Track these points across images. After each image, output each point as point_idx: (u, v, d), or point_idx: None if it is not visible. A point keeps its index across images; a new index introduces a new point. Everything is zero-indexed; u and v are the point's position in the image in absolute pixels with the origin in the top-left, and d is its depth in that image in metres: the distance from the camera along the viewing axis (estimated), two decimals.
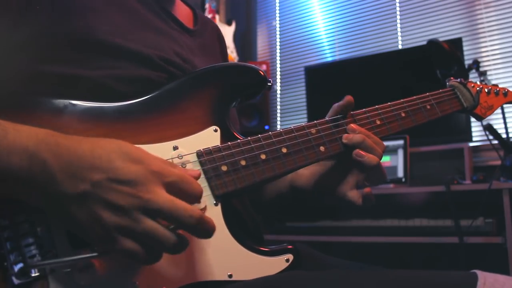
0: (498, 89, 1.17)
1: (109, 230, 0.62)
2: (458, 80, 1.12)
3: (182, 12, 1.07)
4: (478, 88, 1.12)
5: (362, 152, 0.88)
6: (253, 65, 0.90)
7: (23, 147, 0.62)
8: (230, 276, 0.76)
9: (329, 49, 3.40)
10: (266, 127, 3.17)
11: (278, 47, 3.64)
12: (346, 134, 0.90)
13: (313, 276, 0.74)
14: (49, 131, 0.66)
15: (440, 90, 1.07)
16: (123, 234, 0.62)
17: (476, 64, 2.28)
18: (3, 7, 0.74)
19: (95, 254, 0.66)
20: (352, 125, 0.92)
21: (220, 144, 0.81)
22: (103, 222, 0.62)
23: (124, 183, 0.62)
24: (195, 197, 0.67)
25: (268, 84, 0.88)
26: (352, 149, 0.88)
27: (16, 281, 0.64)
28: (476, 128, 2.64)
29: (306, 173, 1.00)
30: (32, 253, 0.66)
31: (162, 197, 0.63)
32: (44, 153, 0.62)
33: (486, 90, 1.14)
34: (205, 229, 0.66)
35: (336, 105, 0.95)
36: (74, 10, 0.80)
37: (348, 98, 0.95)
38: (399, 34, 3.13)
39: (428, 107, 1.02)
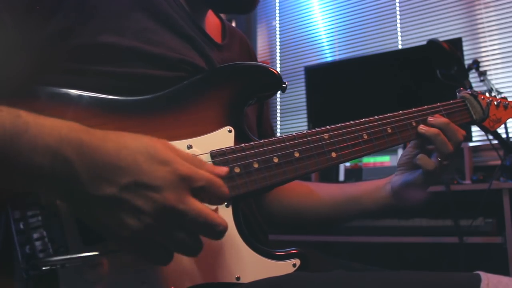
0: (507, 102, 1.18)
1: (133, 234, 0.62)
2: (469, 91, 1.13)
3: (212, 24, 1.08)
4: (488, 101, 1.13)
5: (424, 127, 0.97)
6: (268, 65, 0.90)
7: (45, 144, 0.61)
8: (238, 278, 0.76)
9: (329, 49, 3.40)
10: None
11: (278, 47, 3.64)
12: (422, 125, 0.97)
13: (314, 277, 0.74)
14: (72, 125, 0.65)
15: (451, 101, 1.08)
16: (146, 239, 0.63)
17: (476, 64, 2.28)
18: (35, 4, 0.74)
19: (97, 253, 0.67)
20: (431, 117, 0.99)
21: (234, 145, 0.81)
22: (128, 227, 0.61)
23: (152, 189, 0.61)
24: (221, 200, 0.68)
25: (283, 85, 0.88)
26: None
27: (25, 274, 0.65)
28: (476, 128, 2.64)
29: (398, 177, 1.06)
30: (43, 247, 0.66)
31: (194, 208, 0.63)
32: (67, 152, 0.61)
33: (495, 103, 1.15)
34: (223, 235, 0.67)
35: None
36: (102, 12, 0.80)
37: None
38: (399, 34, 3.13)
39: None
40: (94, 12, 0.80)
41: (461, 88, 1.14)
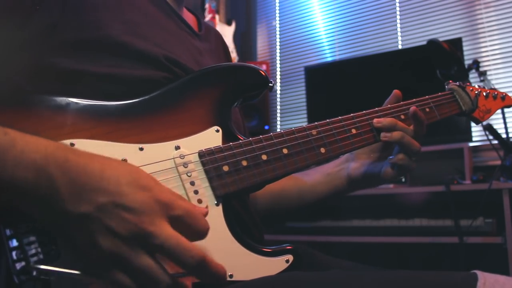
0: (496, 93, 1.18)
1: (104, 258, 0.60)
2: (457, 83, 1.13)
3: (189, 18, 1.09)
4: (476, 92, 1.13)
5: (387, 134, 0.95)
6: (254, 66, 0.90)
7: (30, 160, 0.60)
8: (231, 276, 0.76)
9: (329, 49, 3.40)
10: (266, 127, 3.17)
11: (278, 47, 3.64)
12: (376, 118, 0.96)
13: (313, 276, 0.74)
14: (59, 144, 0.64)
15: (439, 93, 1.08)
16: (117, 265, 0.60)
17: (476, 64, 2.28)
18: (16, 2, 0.74)
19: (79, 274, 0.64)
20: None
21: (222, 145, 0.81)
22: (100, 248, 0.59)
23: (129, 210, 0.60)
24: (200, 234, 0.65)
25: (270, 84, 0.88)
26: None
27: (17, 279, 0.64)
28: (476, 128, 2.64)
29: (357, 165, 1.06)
30: (34, 252, 0.65)
31: (165, 231, 0.61)
32: (51, 168, 0.60)
33: (484, 93, 1.15)
34: (210, 273, 0.64)
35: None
36: (86, 6, 0.80)
37: (395, 92, 1.03)
38: (399, 34, 3.13)
39: (427, 110, 1.03)
40: (78, 6, 0.80)
41: (450, 81, 1.14)
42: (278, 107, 3.56)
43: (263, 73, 0.89)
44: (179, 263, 0.62)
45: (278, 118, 3.55)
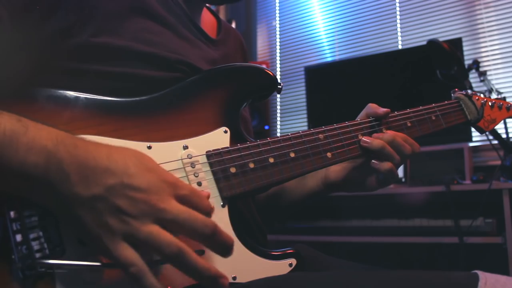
0: (502, 103, 1.18)
1: (113, 237, 0.61)
2: (464, 92, 1.13)
3: (207, 21, 1.09)
4: (482, 101, 1.13)
5: (376, 161, 0.92)
6: (264, 67, 0.90)
7: (42, 145, 0.62)
8: (234, 278, 0.76)
9: (329, 49, 3.40)
10: (266, 127, 3.17)
11: (278, 47, 3.64)
12: (365, 137, 0.93)
13: (314, 276, 0.74)
14: (68, 133, 0.66)
15: (446, 102, 1.08)
16: (125, 240, 0.62)
17: (476, 64, 2.28)
18: (32, 4, 0.74)
19: (98, 264, 0.66)
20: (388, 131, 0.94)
21: (230, 146, 0.81)
22: (109, 227, 0.61)
23: (138, 190, 0.62)
24: (205, 213, 0.66)
25: (279, 86, 0.89)
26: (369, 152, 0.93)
27: (22, 274, 0.64)
28: None
29: (338, 169, 1.03)
30: (40, 247, 0.65)
31: (176, 206, 0.63)
32: (61, 154, 0.62)
33: (490, 103, 1.15)
34: (221, 242, 0.65)
35: (371, 110, 0.98)
36: (101, 13, 0.80)
37: (386, 110, 0.98)
38: (399, 34, 3.13)
39: (433, 118, 1.04)
40: (94, 12, 0.80)
41: (456, 89, 1.14)
42: (278, 107, 3.56)
43: (272, 74, 0.89)
44: (194, 234, 0.64)
45: (278, 118, 3.55)
